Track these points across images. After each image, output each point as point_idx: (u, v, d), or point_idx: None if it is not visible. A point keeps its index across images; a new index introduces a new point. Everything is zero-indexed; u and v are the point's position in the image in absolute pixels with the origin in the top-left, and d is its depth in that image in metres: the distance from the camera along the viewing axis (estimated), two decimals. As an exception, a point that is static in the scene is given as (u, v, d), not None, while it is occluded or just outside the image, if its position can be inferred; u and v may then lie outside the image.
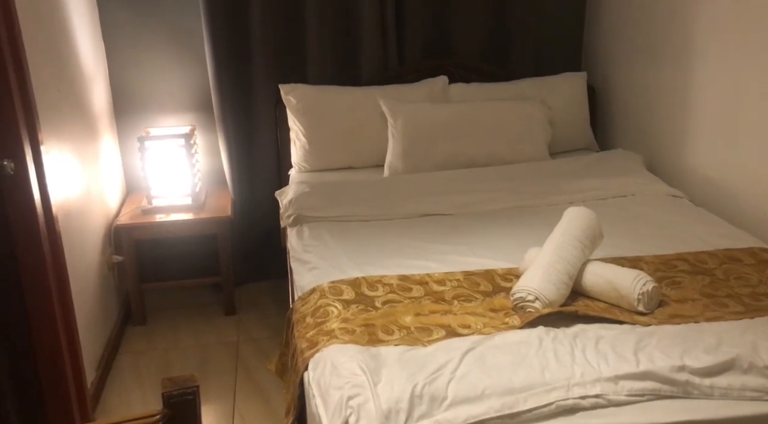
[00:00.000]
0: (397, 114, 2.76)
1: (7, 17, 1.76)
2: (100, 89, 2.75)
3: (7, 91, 1.74)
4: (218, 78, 2.85)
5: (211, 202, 2.93)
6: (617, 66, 2.95)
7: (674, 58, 2.54)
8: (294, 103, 2.81)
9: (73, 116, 2.36)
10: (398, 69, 3.00)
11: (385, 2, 2.87)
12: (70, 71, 2.38)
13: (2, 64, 1.73)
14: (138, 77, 2.92)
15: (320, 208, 2.38)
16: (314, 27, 2.86)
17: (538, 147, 2.79)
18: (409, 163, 2.72)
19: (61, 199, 2.10)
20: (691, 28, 2.44)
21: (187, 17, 2.86)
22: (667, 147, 2.63)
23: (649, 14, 2.69)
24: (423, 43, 3.02)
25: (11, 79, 1.76)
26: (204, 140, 3.05)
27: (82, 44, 2.54)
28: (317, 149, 2.81)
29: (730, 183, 2.29)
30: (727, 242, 2.00)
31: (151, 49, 2.90)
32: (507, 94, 2.90)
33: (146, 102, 2.96)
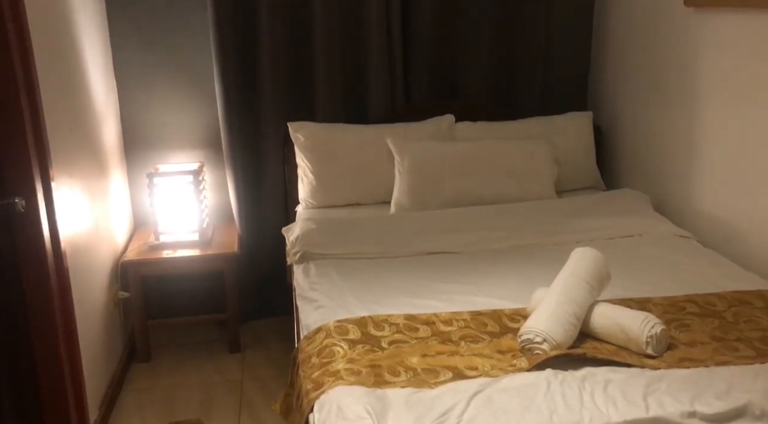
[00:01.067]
0: (404, 152, 2.79)
1: (24, 58, 1.80)
2: (110, 126, 2.79)
3: (21, 129, 1.77)
4: (227, 115, 2.89)
5: (218, 238, 2.94)
6: (623, 106, 2.98)
7: (680, 99, 2.56)
8: (302, 141, 2.84)
9: (83, 153, 2.39)
10: (405, 108, 3.03)
11: (393, 42, 2.92)
12: (82, 109, 2.42)
13: (18, 103, 1.76)
14: (148, 114, 2.97)
15: (327, 245, 2.38)
16: (323, 66, 2.91)
17: (545, 186, 2.79)
18: (416, 200, 2.73)
19: (69, 235, 2.11)
20: (695, 71, 2.46)
21: (198, 56, 2.92)
22: (674, 187, 2.64)
23: (653, 56, 2.73)
24: (430, 82, 3.05)
25: (25, 118, 1.80)
26: (212, 176, 3.08)
27: (95, 82, 2.59)
28: (324, 186, 2.83)
29: (739, 224, 2.29)
30: (736, 284, 1.99)
31: (162, 86, 2.95)
32: (513, 133, 2.92)
33: (156, 139, 3.00)
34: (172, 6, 2.86)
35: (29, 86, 1.82)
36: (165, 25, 2.88)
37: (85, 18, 2.51)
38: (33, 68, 1.84)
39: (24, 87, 1.79)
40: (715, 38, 2.35)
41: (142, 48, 2.88)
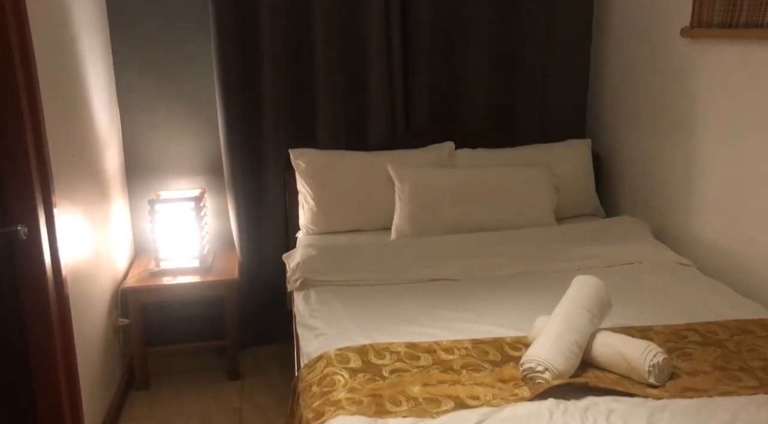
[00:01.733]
0: (404, 178, 2.80)
1: (29, 85, 1.82)
2: (113, 153, 2.80)
3: (25, 157, 1.78)
4: (229, 142, 2.91)
5: (218, 265, 2.94)
6: (621, 134, 3.00)
7: (678, 127, 2.59)
8: (303, 167, 2.85)
9: (86, 180, 2.40)
10: (405, 134, 3.06)
11: (393, 70, 2.95)
12: (85, 136, 2.44)
13: (22, 131, 1.78)
14: (151, 141, 2.99)
15: (327, 272, 2.38)
16: (324, 94, 2.93)
17: (545, 213, 2.80)
18: (416, 226, 2.74)
19: (70, 262, 2.11)
20: (692, 100, 2.49)
21: (201, 83, 2.95)
22: (673, 215, 2.65)
23: (651, 85, 2.76)
24: (430, 110, 3.08)
25: (29, 146, 1.81)
26: (213, 203, 3.09)
27: (98, 109, 2.61)
28: (325, 212, 2.84)
29: (739, 252, 2.29)
30: (737, 312, 1.99)
31: (165, 113, 2.97)
32: (513, 160, 2.94)
33: (158, 165, 3.01)
34: (175, 35, 2.90)
35: (33, 114, 1.84)
36: (169, 53, 2.91)
37: (89, 46, 2.55)
38: (37, 95, 1.86)
39: (28, 115, 1.81)
40: (711, 68, 2.38)
41: (145, 75, 2.92)
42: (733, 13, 2.18)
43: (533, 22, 3.03)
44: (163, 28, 2.89)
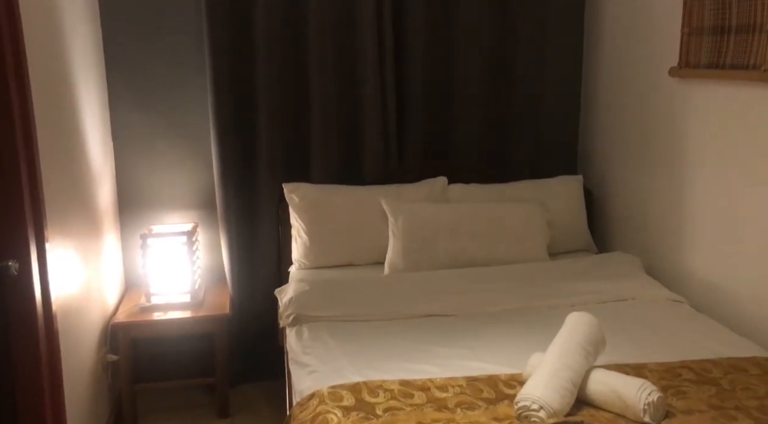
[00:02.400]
0: (397, 213, 2.81)
1: (25, 121, 1.83)
2: (106, 187, 2.80)
3: (19, 193, 1.78)
4: (223, 176, 2.92)
5: (209, 300, 2.92)
6: (612, 170, 3.04)
7: (668, 164, 2.62)
8: (297, 202, 2.86)
9: (78, 214, 2.39)
10: (399, 169, 3.08)
11: (387, 105, 2.98)
12: (79, 170, 2.44)
13: (16, 166, 1.78)
14: (144, 175, 2.99)
15: (320, 307, 2.37)
16: (318, 129, 2.96)
17: (538, 248, 2.81)
18: (410, 261, 2.73)
19: (61, 297, 2.09)
20: (682, 137, 2.53)
21: (196, 118, 2.97)
22: (665, 251, 2.66)
23: (640, 122, 2.80)
24: (423, 145, 3.11)
25: (23, 182, 1.80)
26: (205, 237, 3.08)
27: (93, 143, 2.62)
28: (318, 246, 2.83)
29: (732, 289, 2.30)
30: (731, 350, 1.99)
31: (159, 148, 2.98)
32: (505, 196, 2.96)
33: (151, 199, 3.01)
34: (170, 70, 2.93)
35: (28, 148, 1.84)
36: (164, 89, 2.93)
37: (85, 82, 2.57)
38: (33, 131, 1.86)
39: (23, 149, 1.81)
40: (699, 107, 2.42)
41: (140, 110, 2.93)
42: (719, 55, 2.23)
43: (524, 61, 3.09)
44: (158, 65, 2.91)
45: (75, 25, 2.48)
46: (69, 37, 2.40)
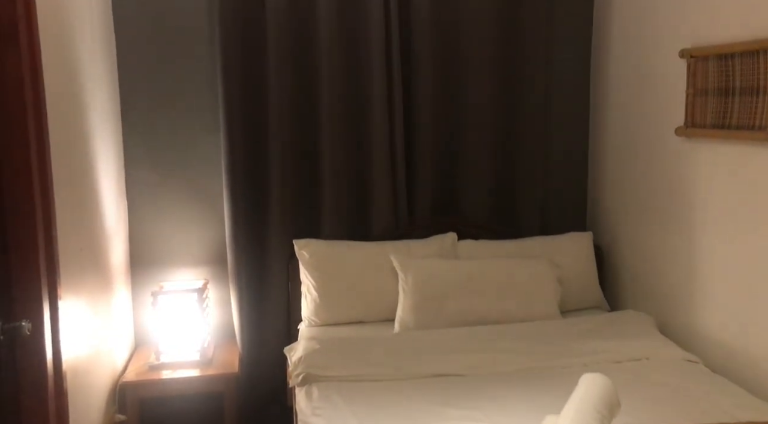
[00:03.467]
0: (407, 269, 2.81)
1: (43, 179, 1.86)
2: (119, 244, 2.83)
3: (35, 251, 1.80)
4: (234, 233, 2.94)
5: (218, 358, 2.90)
6: (622, 227, 3.04)
7: (676, 222, 2.62)
8: (307, 258, 2.87)
9: (91, 272, 2.41)
10: (408, 225, 3.09)
11: (396, 161, 3.02)
12: (93, 229, 2.47)
13: (33, 225, 1.80)
14: (157, 232, 3.02)
15: (330, 366, 2.35)
16: (328, 185, 3.00)
17: (549, 305, 2.80)
18: (420, 319, 2.72)
19: (71, 356, 2.09)
20: (690, 196, 2.54)
21: (209, 176, 3.02)
22: (678, 309, 2.64)
23: (648, 181, 2.82)
24: (432, 201, 3.13)
25: (39, 240, 1.83)
26: (216, 293, 3.09)
27: (107, 202, 2.66)
28: (328, 303, 2.83)
29: (747, 349, 2.26)
30: (750, 413, 1.94)
31: (172, 205, 3.02)
32: (516, 252, 2.96)
33: (163, 256, 3.03)
34: (185, 130, 2.99)
35: (45, 208, 1.87)
36: (177, 148, 2.99)
37: (102, 141, 2.63)
38: (50, 190, 1.90)
39: (40, 208, 1.84)
40: (706, 165, 2.44)
41: (154, 169, 2.99)
42: (725, 116, 2.27)
43: (532, 119, 3.13)
44: (173, 126, 2.98)
45: (95, 87, 2.56)
46: (89, 99, 2.47)
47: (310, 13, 2.92)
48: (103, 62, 2.72)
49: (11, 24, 1.76)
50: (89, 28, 2.53)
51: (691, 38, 2.47)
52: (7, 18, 1.75)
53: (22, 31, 1.78)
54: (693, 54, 2.42)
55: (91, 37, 2.54)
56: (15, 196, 1.79)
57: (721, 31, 2.31)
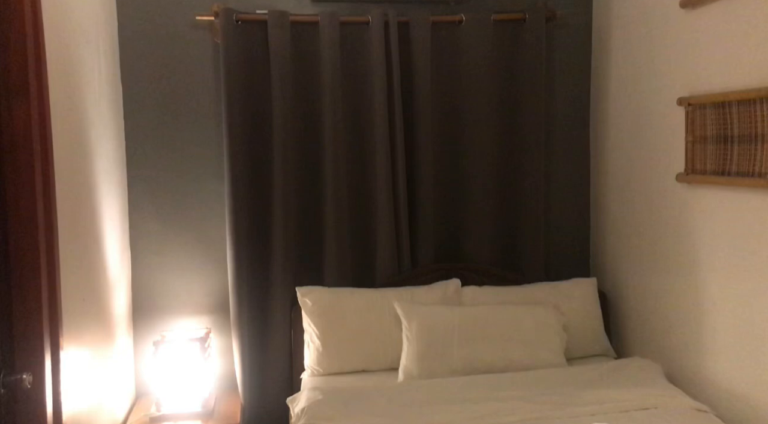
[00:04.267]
0: (411, 316, 2.80)
1: (49, 234, 1.87)
2: (121, 294, 2.82)
3: (38, 305, 1.79)
4: (237, 282, 2.93)
5: (220, 408, 2.85)
6: (626, 273, 3.03)
7: (680, 267, 2.62)
8: (310, 306, 2.86)
9: (92, 322, 2.40)
10: (411, 271, 3.09)
11: (399, 206, 3.03)
12: (97, 279, 2.47)
13: (38, 279, 1.80)
14: (159, 281, 3.01)
15: (333, 417, 2.31)
16: (331, 233, 3.00)
17: (555, 353, 2.77)
18: (425, 367, 2.69)
19: (71, 408, 2.06)
20: (692, 241, 2.54)
21: (212, 224, 3.03)
22: (685, 356, 2.60)
23: (650, 226, 2.82)
24: (435, 246, 3.13)
25: (43, 292, 1.83)
26: (218, 342, 3.06)
27: (111, 252, 2.66)
28: (331, 352, 2.80)
29: (758, 398, 2.22)
30: (763, 465, 1.90)
31: (175, 253, 3.02)
32: (520, 298, 2.94)
33: (165, 305, 3.02)
34: (190, 178, 3.02)
35: (50, 260, 1.87)
36: (181, 196, 3.01)
37: (107, 191, 2.65)
38: (55, 244, 1.91)
39: (45, 260, 1.84)
40: (708, 212, 2.45)
41: (158, 218, 3.00)
42: (725, 163, 2.29)
43: (532, 164, 3.14)
44: (177, 175, 3.00)
45: (101, 137, 2.59)
46: (95, 149, 2.50)
47: (313, 68, 2.98)
48: (110, 112, 2.76)
49: (22, 77, 1.80)
50: (97, 80, 2.58)
51: (688, 87, 2.51)
52: (19, 71, 1.79)
53: (32, 84, 1.82)
54: (690, 102, 2.45)
55: (98, 89, 2.59)
56: (20, 246, 1.79)
57: (717, 79, 2.35)
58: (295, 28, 2.94)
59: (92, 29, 2.55)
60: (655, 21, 2.73)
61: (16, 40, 1.78)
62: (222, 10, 2.86)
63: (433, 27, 3.02)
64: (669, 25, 2.62)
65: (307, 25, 2.96)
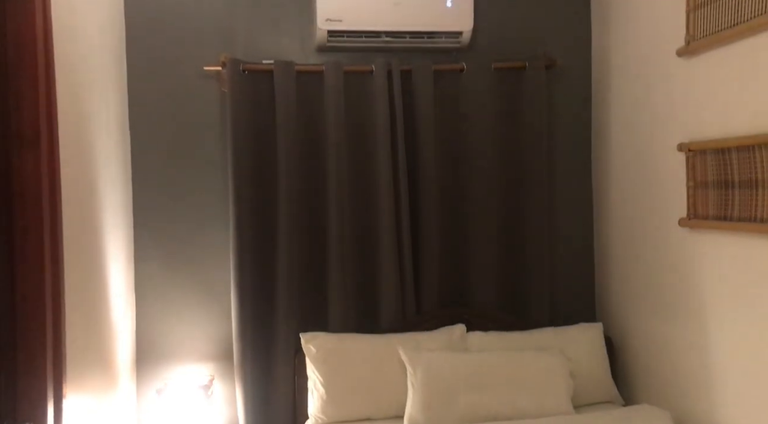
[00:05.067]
0: (416, 363, 2.77)
1: (56, 283, 1.89)
2: (125, 341, 2.82)
3: (42, 354, 1.80)
4: (241, 328, 2.92)
5: (223, 458, 2.81)
6: (631, 318, 3.01)
7: (685, 313, 2.60)
8: (314, 352, 2.84)
9: (96, 369, 2.39)
10: (416, 317, 3.07)
11: (403, 252, 3.04)
12: (101, 326, 2.47)
13: (42, 328, 1.81)
14: (163, 328, 3.01)
15: (338, 467, 2.27)
16: (336, 279, 3.00)
17: (562, 400, 2.73)
18: (430, 416, 2.65)
19: (72, 460, 2.04)
20: (697, 287, 2.53)
21: (217, 271, 3.04)
22: (694, 403, 2.56)
23: (654, 270, 2.81)
24: (440, 292, 3.12)
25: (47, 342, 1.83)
26: (222, 389, 3.03)
27: (116, 299, 2.67)
28: (336, 399, 2.77)
29: (768, 447, 2.19)
30: None
31: (180, 300, 3.03)
32: (525, 344, 2.92)
33: (169, 352, 3.00)
34: (195, 226, 3.04)
35: (56, 309, 1.88)
36: (187, 243, 3.03)
37: (114, 238, 2.67)
38: (62, 292, 1.92)
39: (51, 310, 1.86)
40: (711, 257, 2.44)
41: (163, 264, 3.01)
42: (726, 208, 2.30)
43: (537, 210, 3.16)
44: (183, 222, 3.03)
45: (108, 186, 2.63)
46: (103, 197, 2.54)
47: (318, 116, 3.03)
48: (118, 161, 2.81)
49: (34, 129, 1.85)
50: (106, 131, 2.63)
51: (687, 133, 2.54)
52: (31, 123, 1.85)
53: (43, 135, 1.87)
54: (691, 148, 2.48)
55: (107, 139, 2.64)
56: (26, 296, 1.81)
57: (715, 126, 2.38)
58: (300, 77, 3.01)
59: (103, 81, 2.62)
60: (652, 69, 2.78)
61: (30, 92, 1.84)
62: (229, 61, 2.93)
63: (436, 75, 3.08)
64: (667, 73, 2.67)
65: (313, 74, 3.02)
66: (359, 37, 3.02)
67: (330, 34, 2.99)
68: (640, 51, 2.88)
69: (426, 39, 3.06)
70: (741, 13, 2.20)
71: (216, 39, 3.03)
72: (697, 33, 2.43)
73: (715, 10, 2.32)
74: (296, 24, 3.10)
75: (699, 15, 2.41)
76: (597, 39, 3.26)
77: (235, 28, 3.05)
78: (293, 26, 3.10)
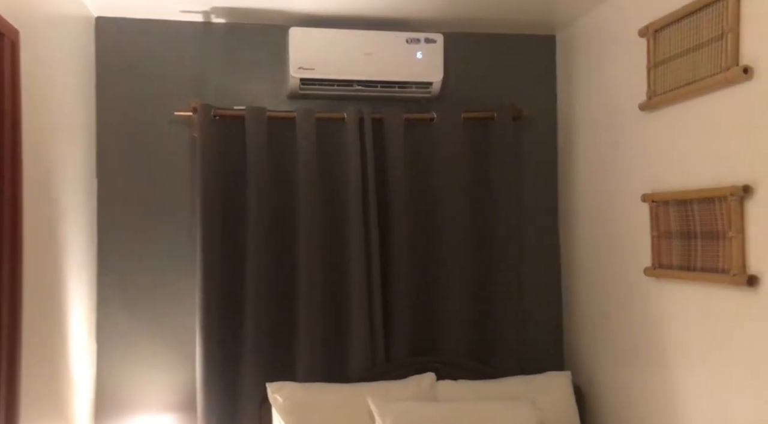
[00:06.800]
0: (385, 414, 2.72)
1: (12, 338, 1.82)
2: (84, 390, 2.72)
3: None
4: (206, 378, 2.85)
5: None
6: (600, 366, 3.01)
7: (653, 362, 2.61)
8: (281, 402, 2.77)
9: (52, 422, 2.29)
10: (386, 365, 3.04)
11: (373, 300, 3.02)
12: (58, 375, 2.38)
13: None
14: (124, 377, 2.92)
15: None
16: (305, 327, 2.96)
17: (531, 451, 2.70)
18: (399, 468, 2.60)
19: None
20: (662, 334, 2.55)
21: (181, 318, 2.98)
22: (662, 454, 2.56)
23: (620, 319, 2.83)
24: (409, 340, 3.10)
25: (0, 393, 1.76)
26: (184, 442, 2.94)
27: (76, 349, 2.59)
28: (302, 452, 2.70)
29: (736, 499, 2.18)
30: None
31: (142, 347, 2.95)
32: (495, 393, 2.90)
33: (130, 401, 2.91)
34: (160, 271, 2.98)
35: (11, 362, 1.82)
36: (152, 290, 2.97)
37: (76, 286, 2.61)
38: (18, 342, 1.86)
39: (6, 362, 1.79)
40: (676, 306, 2.47)
41: (126, 311, 2.94)
42: (690, 258, 2.34)
43: (505, 258, 3.18)
44: (148, 268, 2.97)
45: (72, 232, 2.58)
46: (65, 244, 2.48)
47: (289, 162, 3.03)
48: (83, 205, 2.77)
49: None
50: (73, 175, 2.60)
51: (651, 184, 2.60)
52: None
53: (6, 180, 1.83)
54: (654, 199, 2.54)
55: (73, 183, 2.60)
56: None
57: (677, 178, 2.45)
58: (272, 124, 3.02)
59: (70, 127, 2.59)
60: (616, 122, 2.86)
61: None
62: (200, 106, 2.94)
63: (407, 123, 3.12)
64: (630, 126, 2.75)
65: (284, 121, 3.04)
66: (331, 86, 3.05)
67: (302, 82, 3.02)
68: (605, 104, 2.96)
69: (397, 89, 3.12)
70: (696, 71, 2.29)
71: (188, 85, 3.04)
72: (658, 88, 2.52)
73: (674, 68, 2.41)
74: (269, 71, 3.13)
75: (659, 72, 2.50)
76: (562, 92, 3.35)
77: (207, 74, 3.07)
78: (266, 74, 3.13)
